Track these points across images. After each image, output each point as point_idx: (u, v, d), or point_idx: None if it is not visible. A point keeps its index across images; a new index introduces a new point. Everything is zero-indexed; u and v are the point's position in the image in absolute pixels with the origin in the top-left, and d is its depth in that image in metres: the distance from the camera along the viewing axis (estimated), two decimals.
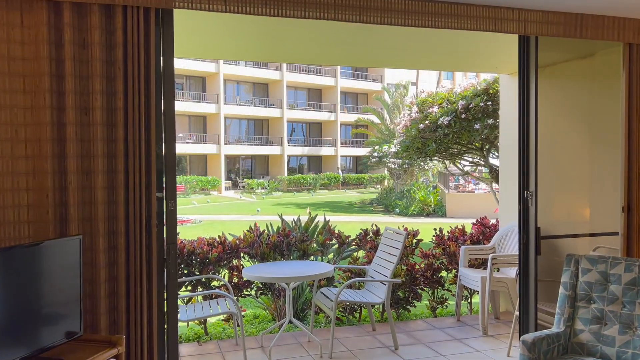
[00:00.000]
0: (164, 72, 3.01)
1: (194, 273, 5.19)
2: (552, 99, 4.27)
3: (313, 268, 4.77)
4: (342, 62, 5.56)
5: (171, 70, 3.02)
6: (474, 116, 7.82)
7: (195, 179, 34.83)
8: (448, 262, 6.13)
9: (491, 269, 5.22)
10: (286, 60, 5.82)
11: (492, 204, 20.35)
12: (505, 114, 6.25)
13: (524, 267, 3.84)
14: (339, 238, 5.87)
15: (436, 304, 6.07)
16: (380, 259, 5.22)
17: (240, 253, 5.35)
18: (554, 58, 4.41)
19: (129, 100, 2.84)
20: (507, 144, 6.22)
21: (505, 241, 5.75)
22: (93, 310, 2.84)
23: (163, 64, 3.00)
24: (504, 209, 6.19)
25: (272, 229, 6.21)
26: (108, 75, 2.84)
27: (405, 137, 9.31)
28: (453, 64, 5.74)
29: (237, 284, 5.37)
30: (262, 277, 4.48)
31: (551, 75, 4.37)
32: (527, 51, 3.81)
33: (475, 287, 5.43)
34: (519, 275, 3.87)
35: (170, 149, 3.06)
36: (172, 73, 3.03)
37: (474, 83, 8.08)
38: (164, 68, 3.00)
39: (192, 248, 5.08)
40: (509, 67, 5.71)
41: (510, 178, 6.12)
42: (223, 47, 4.76)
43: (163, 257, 3.04)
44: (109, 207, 2.86)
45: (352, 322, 5.69)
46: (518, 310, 4.59)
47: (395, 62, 5.96)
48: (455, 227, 6.44)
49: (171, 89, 3.02)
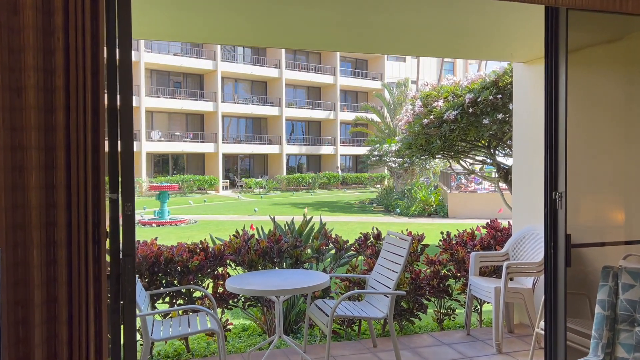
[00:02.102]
0: (120, 44, 2.44)
1: (172, 284, 4.63)
2: (579, 88, 3.70)
3: (306, 278, 4.22)
4: (343, 47, 4.99)
5: (128, 43, 2.46)
6: (482, 110, 7.26)
7: (193, 178, 34.29)
8: (456, 269, 5.57)
9: (506, 278, 4.66)
10: (280, 44, 5.24)
11: (496, 204, 19.80)
12: (519, 107, 5.69)
13: (551, 281, 3.27)
14: (337, 243, 5.31)
15: (443, 315, 5.51)
16: (382, 267, 4.66)
17: (225, 260, 4.79)
18: (580, 41, 3.84)
19: (72, 79, 2.28)
20: (520, 140, 5.66)
21: (520, 247, 5.20)
22: (26, 340, 2.28)
23: (119, 33, 2.44)
24: (518, 211, 5.63)
25: (263, 233, 5.64)
26: (45, 47, 2.28)
27: (408, 133, 8.74)
28: (464, 50, 5.17)
29: (222, 294, 4.81)
30: (247, 289, 3.92)
31: (576, 62, 3.80)
32: (555, 28, 3.24)
33: (488, 298, 4.87)
34: (545, 291, 3.31)
35: (128, 145, 2.51)
36: (129, 45, 2.46)
37: (482, 75, 7.51)
38: (119, 39, 2.44)
39: (170, 255, 4.52)
40: (525, 54, 5.15)
41: (525, 177, 5.56)
42: (207, 27, 4.20)
43: (117, 272, 2.48)
44: (47, 212, 2.30)
45: (351, 336, 5.13)
46: (541, 327, 4.04)
47: (402, 48, 5.40)
48: (464, 231, 5.88)
49: (127, 62, 2.47)
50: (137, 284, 4.10)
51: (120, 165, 2.51)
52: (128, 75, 2.49)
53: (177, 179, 33.26)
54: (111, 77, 2.45)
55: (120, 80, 2.49)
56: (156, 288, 4.53)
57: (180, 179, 33.58)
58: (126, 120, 2.50)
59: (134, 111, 16.50)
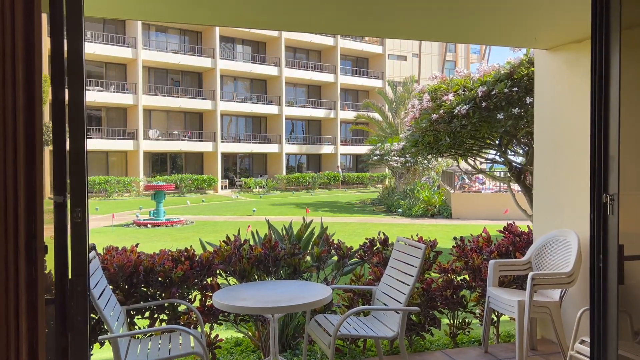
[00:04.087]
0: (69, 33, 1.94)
1: (154, 296, 4.08)
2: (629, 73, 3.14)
3: (306, 292, 3.68)
4: (346, 30, 4.43)
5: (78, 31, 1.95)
6: (495, 105, 6.71)
7: (191, 178, 33.75)
8: (471, 278, 5.03)
9: (532, 291, 4.12)
10: (281, 26, 4.69)
11: (501, 204, 19.26)
12: (541, 100, 5.15)
13: (599, 301, 2.73)
14: (339, 250, 4.76)
15: (456, 329, 4.97)
16: (392, 279, 4.12)
17: (214, 270, 4.25)
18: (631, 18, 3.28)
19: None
20: (543, 137, 5.12)
21: (545, 254, 4.65)
22: None
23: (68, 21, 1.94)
24: (540, 214, 5.09)
25: (258, 238, 5.09)
26: None
27: (414, 130, 8.18)
28: (482, 34, 4.62)
29: (210, 308, 4.27)
30: (237, 306, 3.38)
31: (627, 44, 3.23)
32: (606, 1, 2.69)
33: (510, 312, 4.32)
34: (591, 313, 2.77)
35: (77, 141, 2.01)
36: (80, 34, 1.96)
37: (496, 66, 6.96)
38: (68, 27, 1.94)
39: (150, 264, 3.98)
40: (550, 39, 4.60)
41: (549, 177, 5.02)
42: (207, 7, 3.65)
43: (63, 297, 1.95)
44: None
45: (355, 353, 4.59)
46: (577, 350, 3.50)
47: (412, 31, 4.79)
48: (479, 236, 5.33)
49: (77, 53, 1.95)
50: (111, 298, 3.57)
51: (69, 163, 1.99)
52: (78, 68, 2.06)
53: (175, 179, 32.74)
54: (57, 69, 1.97)
55: (69, 73, 2.03)
56: (135, 302, 3.99)
57: (179, 178, 33.04)
58: (76, 116, 2.03)
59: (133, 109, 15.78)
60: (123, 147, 33.04)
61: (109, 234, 15.79)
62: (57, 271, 1.95)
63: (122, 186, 30.81)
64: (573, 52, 4.59)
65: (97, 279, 3.43)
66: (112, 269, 3.86)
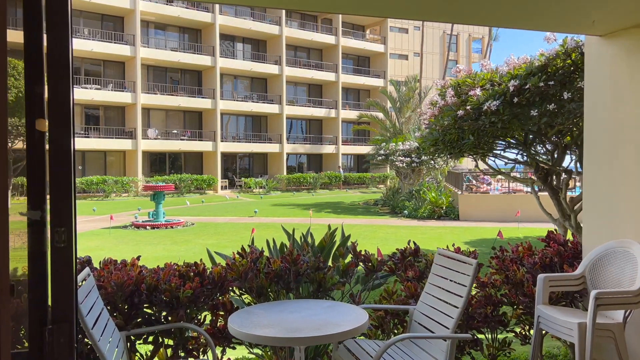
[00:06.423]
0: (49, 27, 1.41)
1: (158, 319, 3.52)
2: None
3: (337, 317, 3.12)
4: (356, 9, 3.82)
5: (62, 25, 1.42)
6: (528, 100, 6.16)
7: (190, 178, 33.17)
8: (512, 293, 4.48)
9: (595, 312, 3.56)
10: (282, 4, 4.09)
11: (511, 206, 18.69)
12: (593, 95, 4.59)
13: None
14: (368, 262, 4.19)
15: (496, 350, 4.42)
16: (434, 298, 3.56)
17: (227, 287, 3.68)
18: None
19: None
20: (595, 134, 4.56)
21: (602, 268, 4.10)
22: None
23: (47, 13, 1.41)
24: (592, 222, 4.53)
25: (275, 250, 4.52)
26: None
27: (433, 127, 7.62)
28: (530, 18, 4.04)
29: (222, 329, 3.71)
30: (258, 336, 2.81)
31: None
32: None
33: (567, 336, 3.77)
34: None
35: (61, 141, 1.45)
36: (65, 28, 1.44)
37: (529, 58, 6.40)
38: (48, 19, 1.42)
39: (154, 282, 3.41)
40: (609, 23, 4.04)
41: (602, 180, 4.46)
42: None
43: (40, 350, 1.39)
44: None
45: None
46: None
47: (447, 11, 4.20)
48: (519, 245, 4.78)
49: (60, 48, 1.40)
50: (108, 324, 3.00)
51: (49, 170, 1.43)
52: (60, 63, 1.49)
53: (174, 178, 32.16)
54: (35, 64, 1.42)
55: (49, 68, 1.45)
56: (136, 326, 3.42)
57: (178, 178, 32.47)
58: (57, 114, 1.45)
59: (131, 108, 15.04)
60: (121, 146, 32.45)
61: (106, 236, 15.21)
62: (32, 317, 1.39)
63: (120, 186, 30.23)
64: (634, 38, 4.04)
65: (92, 301, 2.87)
66: (109, 288, 3.30)
